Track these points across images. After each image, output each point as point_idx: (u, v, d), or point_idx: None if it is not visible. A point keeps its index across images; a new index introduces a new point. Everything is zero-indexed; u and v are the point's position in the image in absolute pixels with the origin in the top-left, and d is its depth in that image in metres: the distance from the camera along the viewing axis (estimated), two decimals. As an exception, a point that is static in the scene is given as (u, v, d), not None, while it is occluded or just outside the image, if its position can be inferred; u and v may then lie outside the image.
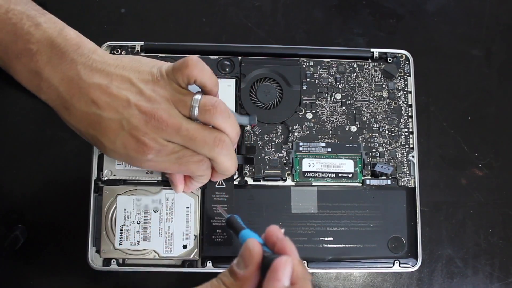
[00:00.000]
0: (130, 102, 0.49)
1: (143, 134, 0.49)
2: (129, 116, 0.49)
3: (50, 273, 0.62)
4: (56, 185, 0.63)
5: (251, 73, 0.64)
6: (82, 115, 0.49)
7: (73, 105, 0.49)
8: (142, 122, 0.49)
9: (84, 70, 0.49)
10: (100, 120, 0.49)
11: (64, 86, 0.49)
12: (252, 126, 0.62)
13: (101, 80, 0.49)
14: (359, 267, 0.61)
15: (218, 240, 0.59)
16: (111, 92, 0.49)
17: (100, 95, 0.49)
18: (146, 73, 0.51)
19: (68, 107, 0.49)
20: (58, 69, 0.49)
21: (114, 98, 0.49)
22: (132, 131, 0.49)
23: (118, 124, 0.49)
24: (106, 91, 0.49)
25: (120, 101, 0.49)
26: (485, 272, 0.65)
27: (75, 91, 0.49)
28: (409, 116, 0.64)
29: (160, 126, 0.49)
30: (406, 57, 0.65)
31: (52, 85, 0.49)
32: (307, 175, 0.62)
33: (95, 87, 0.49)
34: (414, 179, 0.63)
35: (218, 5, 0.69)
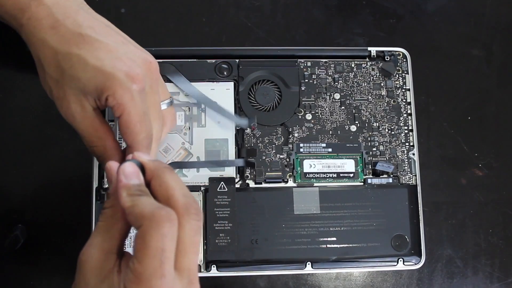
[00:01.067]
0: (129, 44, 0.50)
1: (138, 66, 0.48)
2: (128, 50, 0.48)
3: (50, 274, 0.62)
4: (56, 185, 0.63)
5: (249, 75, 0.64)
6: (72, 35, 0.47)
7: (65, 25, 0.47)
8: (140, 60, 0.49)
9: (83, 7, 0.49)
10: (92, 41, 0.47)
11: (58, 8, 0.48)
12: (252, 129, 0.62)
13: (100, 20, 0.49)
14: (363, 266, 0.61)
15: (222, 244, 0.59)
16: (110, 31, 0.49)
17: (98, 25, 0.48)
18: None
19: (57, 26, 0.47)
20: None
21: (113, 34, 0.49)
22: (127, 59, 0.47)
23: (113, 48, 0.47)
24: (104, 28, 0.49)
25: (119, 38, 0.49)
26: (485, 272, 0.65)
27: (70, 14, 0.48)
28: (408, 114, 0.64)
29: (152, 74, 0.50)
30: (403, 55, 0.66)
31: (43, 4, 0.48)
32: (309, 176, 0.62)
33: (93, 19, 0.49)
34: (415, 176, 0.63)
35: (218, 5, 0.69)
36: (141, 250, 0.39)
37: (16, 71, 0.65)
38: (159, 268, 0.39)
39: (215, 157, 0.61)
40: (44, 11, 0.47)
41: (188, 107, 0.62)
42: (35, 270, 0.62)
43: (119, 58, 0.47)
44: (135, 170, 0.43)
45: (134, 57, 0.48)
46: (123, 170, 0.43)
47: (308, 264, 0.60)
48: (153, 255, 0.39)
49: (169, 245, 0.39)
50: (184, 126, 0.62)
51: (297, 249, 0.60)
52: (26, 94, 0.65)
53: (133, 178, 0.43)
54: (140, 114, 0.48)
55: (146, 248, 0.39)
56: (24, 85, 0.65)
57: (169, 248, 0.39)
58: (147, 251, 0.39)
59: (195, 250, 0.42)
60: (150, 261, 0.39)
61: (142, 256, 0.39)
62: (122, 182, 0.42)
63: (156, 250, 0.39)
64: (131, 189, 0.42)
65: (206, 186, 0.60)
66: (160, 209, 0.40)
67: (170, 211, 0.40)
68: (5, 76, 0.65)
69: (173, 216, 0.40)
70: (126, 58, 0.47)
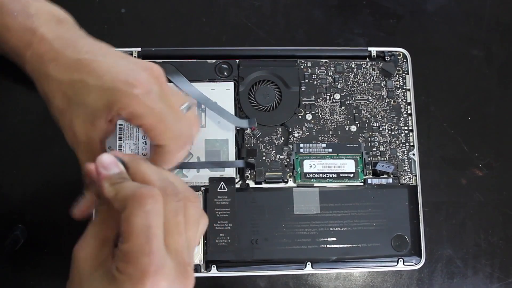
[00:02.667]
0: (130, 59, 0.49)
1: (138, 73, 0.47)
2: (127, 62, 0.48)
3: (50, 274, 0.62)
4: (56, 185, 0.63)
5: (249, 76, 0.64)
6: (72, 62, 0.48)
7: (65, 55, 0.48)
8: (141, 68, 0.48)
9: (83, 38, 0.50)
10: (91, 63, 0.47)
11: (59, 41, 0.48)
12: (252, 129, 0.62)
13: (100, 46, 0.50)
14: (363, 266, 0.61)
15: (222, 244, 0.59)
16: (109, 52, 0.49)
17: (97, 50, 0.49)
18: None
19: (58, 58, 0.48)
20: (55, 29, 0.49)
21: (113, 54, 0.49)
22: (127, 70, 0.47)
23: (111, 65, 0.47)
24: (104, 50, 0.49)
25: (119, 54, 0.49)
26: (485, 272, 0.65)
27: (69, 44, 0.48)
28: (409, 114, 0.64)
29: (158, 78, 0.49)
30: (403, 55, 0.66)
31: (45, 39, 0.48)
32: (309, 176, 0.62)
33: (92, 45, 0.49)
34: (415, 176, 0.63)
35: (218, 5, 0.69)
36: (126, 229, 0.39)
37: (16, 71, 0.65)
38: (146, 245, 0.39)
39: (215, 157, 0.61)
40: (45, 46, 0.48)
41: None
42: (35, 270, 0.62)
43: (118, 71, 0.47)
44: (113, 160, 0.44)
45: (134, 66, 0.48)
46: (100, 162, 0.43)
47: (308, 264, 0.60)
48: (138, 233, 0.39)
49: (154, 221, 0.40)
50: None
51: (297, 249, 0.60)
52: (26, 94, 0.65)
53: (113, 168, 0.44)
54: (156, 113, 0.47)
55: (131, 226, 0.39)
56: (24, 85, 0.65)
57: (155, 224, 0.40)
58: (133, 230, 0.39)
59: (179, 231, 0.42)
60: (136, 239, 0.39)
61: (128, 235, 0.39)
62: (102, 173, 0.43)
63: (141, 227, 0.39)
64: (112, 179, 0.43)
65: (206, 186, 0.60)
66: (141, 187, 0.41)
67: (151, 188, 0.41)
68: (5, 76, 0.65)
69: (155, 191, 0.40)
70: (125, 69, 0.47)
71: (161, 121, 0.47)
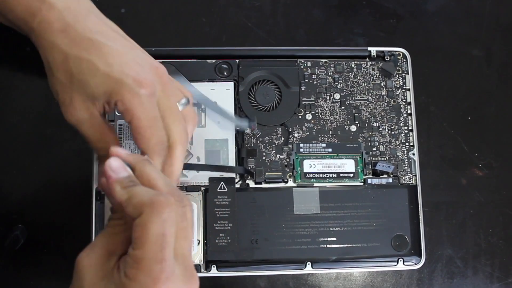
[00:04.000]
0: (137, 50, 0.50)
1: (145, 72, 0.48)
2: (136, 55, 0.49)
3: (50, 274, 0.62)
4: (56, 185, 0.63)
5: (249, 75, 0.64)
6: (82, 39, 0.47)
7: (75, 29, 0.47)
8: (148, 66, 0.49)
9: (93, 13, 0.49)
10: (101, 46, 0.47)
11: (68, 12, 0.48)
12: (252, 129, 0.62)
13: (110, 25, 0.50)
14: (363, 266, 0.61)
15: (222, 244, 0.59)
16: (118, 37, 0.49)
17: (108, 31, 0.48)
18: None
19: (67, 30, 0.47)
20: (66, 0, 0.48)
21: (121, 39, 0.49)
22: (135, 65, 0.47)
23: (122, 54, 0.47)
24: (113, 33, 0.49)
25: (127, 43, 0.49)
26: (485, 272, 0.65)
27: (80, 19, 0.48)
28: (409, 114, 0.64)
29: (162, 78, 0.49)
30: (403, 55, 0.66)
31: (54, 8, 0.47)
32: (309, 176, 0.62)
33: (103, 24, 0.49)
34: (415, 176, 0.63)
35: (218, 5, 0.69)
36: (141, 236, 0.39)
37: (16, 71, 0.65)
38: (159, 253, 0.39)
39: (215, 157, 0.61)
40: (55, 15, 0.47)
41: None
42: (35, 270, 0.62)
43: (127, 63, 0.47)
44: (120, 163, 0.44)
45: (142, 62, 0.48)
46: (109, 166, 0.43)
47: (308, 264, 0.60)
48: (154, 241, 0.39)
49: (169, 230, 0.40)
50: None
51: (297, 249, 0.60)
52: (26, 94, 0.65)
53: (122, 171, 0.43)
54: (150, 119, 0.48)
55: (147, 234, 0.39)
56: (24, 85, 0.65)
57: (169, 233, 0.40)
58: (148, 237, 0.39)
59: (185, 236, 0.42)
60: (151, 247, 0.39)
61: (143, 242, 0.39)
62: (112, 177, 0.43)
63: (157, 235, 0.39)
64: (123, 182, 0.43)
65: (206, 186, 0.60)
66: (159, 195, 0.41)
67: (168, 197, 0.41)
68: (5, 76, 0.65)
69: (172, 201, 0.41)
70: (134, 63, 0.47)
71: (151, 127, 0.48)
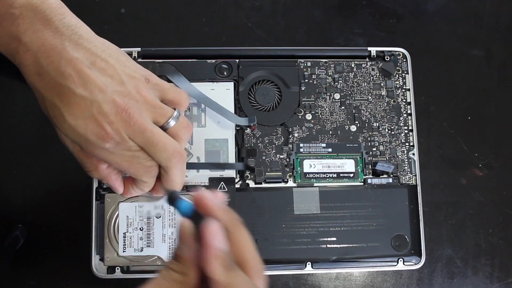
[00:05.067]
0: (107, 90, 0.48)
1: (109, 123, 0.47)
2: (102, 102, 0.47)
3: (50, 274, 0.62)
4: (56, 185, 0.63)
5: (249, 75, 0.64)
6: (54, 84, 0.47)
7: (48, 72, 0.47)
8: (112, 111, 0.48)
9: (68, 43, 0.48)
10: (70, 94, 0.47)
11: (43, 53, 0.47)
12: (252, 129, 0.62)
13: (85, 58, 0.48)
14: (363, 266, 0.61)
15: (222, 244, 0.59)
16: (91, 74, 0.47)
17: (79, 71, 0.47)
18: (132, 70, 0.51)
19: (42, 73, 0.47)
20: (40, 35, 0.47)
21: (92, 80, 0.47)
22: (99, 115, 0.47)
23: (87, 104, 0.47)
24: (86, 71, 0.47)
25: (98, 85, 0.47)
26: (485, 272, 0.65)
27: (54, 59, 0.47)
28: (408, 114, 0.64)
29: (128, 121, 0.48)
30: (403, 55, 0.66)
31: (30, 50, 0.47)
32: (309, 176, 0.62)
33: (77, 62, 0.47)
34: (415, 176, 0.63)
35: (218, 5, 0.69)
36: None
37: (16, 71, 0.65)
38: None
39: (215, 157, 0.61)
40: (30, 58, 0.47)
41: (188, 107, 0.62)
42: (35, 270, 0.62)
43: (91, 116, 0.47)
44: (221, 230, 0.39)
45: (107, 109, 0.48)
46: (213, 233, 0.39)
47: (308, 264, 0.60)
48: None
49: None
50: None
51: (297, 249, 0.60)
52: (26, 94, 0.65)
53: (222, 242, 0.39)
54: (126, 160, 0.50)
55: None
56: (24, 86, 0.64)
57: None
58: None
59: None
60: None
61: None
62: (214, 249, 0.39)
63: None
64: (225, 260, 0.39)
65: (206, 186, 0.60)
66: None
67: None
68: (5, 76, 0.65)
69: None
70: (99, 115, 0.47)
71: (132, 164, 0.51)
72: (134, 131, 0.49)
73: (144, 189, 0.55)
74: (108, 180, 0.55)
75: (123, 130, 0.48)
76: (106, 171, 0.53)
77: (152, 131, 0.50)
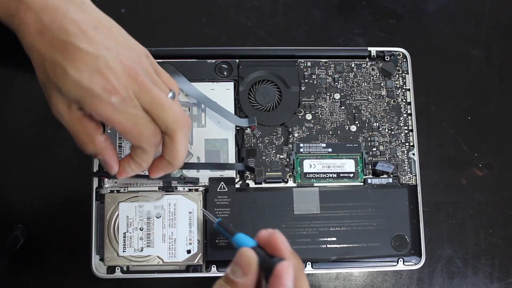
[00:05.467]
0: (112, 50, 0.47)
1: (116, 77, 0.46)
2: (108, 58, 0.46)
3: (50, 274, 0.62)
4: (56, 185, 0.63)
5: (249, 75, 0.64)
6: (57, 41, 0.46)
7: (51, 30, 0.46)
8: (120, 68, 0.47)
9: (72, 5, 0.47)
10: (74, 50, 0.46)
11: (46, 11, 0.46)
12: (252, 129, 0.62)
13: (89, 21, 0.47)
14: (363, 266, 0.61)
15: (222, 244, 0.59)
16: (96, 35, 0.47)
17: (84, 31, 0.46)
18: (134, 42, 0.51)
19: (44, 32, 0.46)
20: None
21: (98, 39, 0.47)
22: (105, 69, 0.46)
23: (93, 59, 0.46)
24: (91, 31, 0.47)
25: (103, 43, 0.47)
26: (485, 272, 0.65)
27: (57, 18, 0.46)
28: (408, 114, 0.64)
29: (136, 79, 0.47)
30: (403, 55, 0.66)
31: (31, 8, 0.46)
32: (309, 176, 0.62)
33: (82, 22, 0.46)
34: (415, 176, 0.63)
35: (218, 5, 0.69)
36: None
37: (16, 71, 0.65)
38: None
39: (215, 157, 0.61)
40: (32, 16, 0.47)
41: (188, 107, 0.62)
42: (35, 270, 0.62)
43: (97, 70, 0.46)
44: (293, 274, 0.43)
45: (114, 65, 0.47)
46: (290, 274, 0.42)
47: (308, 264, 0.60)
48: None
49: None
50: None
51: (297, 249, 0.59)
52: (26, 94, 0.65)
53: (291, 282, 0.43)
54: (131, 120, 0.47)
55: None
56: (24, 85, 0.65)
57: None
58: None
59: None
60: None
61: None
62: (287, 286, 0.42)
63: None
64: None
65: (206, 186, 0.61)
66: None
67: None
68: (5, 76, 0.65)
69: None
70: (105, 68, 0.46)
71: (136, 125, 0.48)
72: (141, 90, 0.47)
73: (142, 163, 0.52)
74: (104, 154, 0.51)
75: (130, 87, 0.47)
76: (103, 144, 0.51)
77: (158, 93, 0.48)
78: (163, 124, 0.49)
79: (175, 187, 0.61)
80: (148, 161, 0.52)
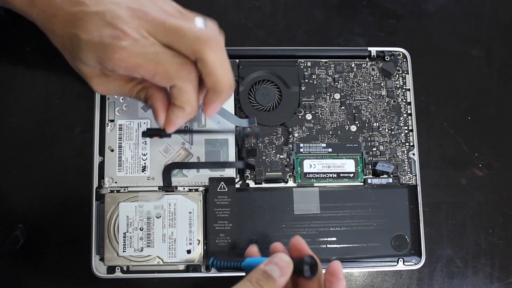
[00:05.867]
0: (121, 2, 0.47)
1: (123, 23, 0.45)
2: (115, 9, 0.46)
3: (50, 274, 0.62)
4: (56, 185, 0.63)
5: (249, 75, 0.64)
6: (69, 17, 0.47)
7: (62, 8, 0.47)
8: (127, 13, 0.46)
9: None
10: (84, 16, 0.46)
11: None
12: (252, 129, 0.62)
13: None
14: (363, 266, 0.61)
15: (222, 244, 0.59)
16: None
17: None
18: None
19: (58, 13, 0.47)
20: None
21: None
22: (112, 19, 0.45)
23: (100, 15, 0.46)
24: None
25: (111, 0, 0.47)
26: (485, 272, 0.65)
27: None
28: (409, 114, 0.64)
29: (145, 17, 0.46)
30: (403, 55, 0.66)
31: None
32: (309, 176, 0.62)
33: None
34: (415, 176, 0.63)
35: (218, 6, 0.69)
36: None
37: (16, 71, 0.65)
38: None
39: (215, 157, 0.61)
40: (46, 2, 0.48)
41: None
42: (35, 270, 0.62)
43: (105, 23, 0.45)
44: None
45: (121, 12, 0.46)
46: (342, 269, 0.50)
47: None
48: None
49: None
50: (184, 126, 0.62)
51: (297, 249, 0.60)
52: (26, 94, 0.65)
53: None
54: (150, 59, 0.45)
55: None
56: (24, 85, 0.65)
57: None
58: None
59: None
60: None
61: None
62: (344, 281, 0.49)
63: None
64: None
65: (206, 186, 0.61)
66: None
67: None
68: (5, 76, 0.65)
69: None
70: (112, 19, 0.45)
71: (158, 63, 0.45)
72: (154, 26, 0.46)
73: (185, 106, 0.48)
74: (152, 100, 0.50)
75: (141, 27, 0.46)
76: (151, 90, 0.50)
77: (173, 22, 0.46)
78: (187, 50, 0.46)
79: (175, 187, 0.61)
80: (190, 102, 0.48)
